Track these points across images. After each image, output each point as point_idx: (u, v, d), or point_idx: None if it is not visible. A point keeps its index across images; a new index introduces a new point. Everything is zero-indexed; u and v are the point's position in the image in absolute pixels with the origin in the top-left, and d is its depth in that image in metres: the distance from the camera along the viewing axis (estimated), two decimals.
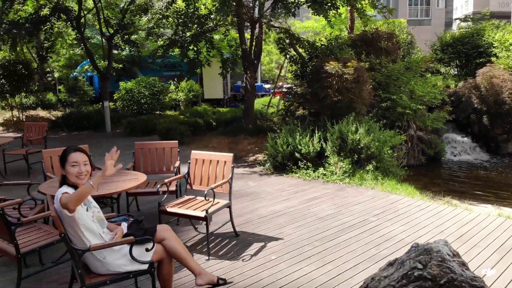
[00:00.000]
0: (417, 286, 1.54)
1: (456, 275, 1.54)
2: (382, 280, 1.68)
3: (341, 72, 7.28)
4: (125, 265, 2.67)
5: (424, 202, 5.57)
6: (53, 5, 12.60)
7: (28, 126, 7.87)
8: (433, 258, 1.59)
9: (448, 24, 37.40)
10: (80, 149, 2.80)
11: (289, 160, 7.35)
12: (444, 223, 4.76)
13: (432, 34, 32.42)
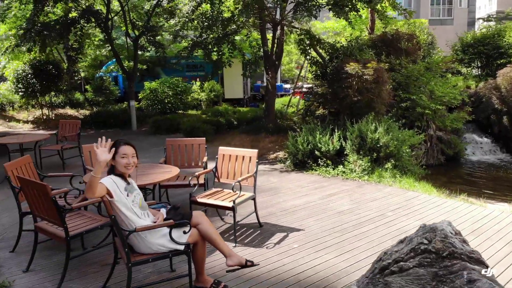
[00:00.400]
0: (423, 257, 1.82)
1: (457, 249, 1.80)
2: (393, 254, 1.96)
3: (361, 72, 7.51)
4: (165, 245, 3.01)
5: (440, 199, 5.77)
6: (82, 8, 13.18)
7: (62, 124, 8.37)
8: (437, 235, 1.87)
9: (471, 24, 36.86)
10: (129, 143, 3.16)
11: (309, 158, 7.62)
12: (459, 218, 4.96)
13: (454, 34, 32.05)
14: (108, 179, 2.96)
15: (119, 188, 2.98)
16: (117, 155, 3.07)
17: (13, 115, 15.74)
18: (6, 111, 15.92)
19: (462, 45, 14.30)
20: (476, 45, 13.76)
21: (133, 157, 3.13)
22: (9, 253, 4.16)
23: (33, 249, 3.82)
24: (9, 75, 14.71)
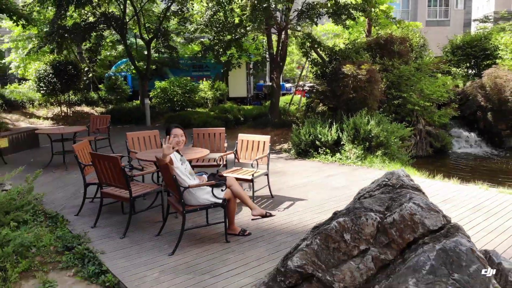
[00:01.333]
0: (384, 189, 2.94)
1: (405, 183, 2.93)
2: (366, 189, 3.09)
3: (356, 73, 8.66)
4: (208, 199, 4.14)
5: (420, 178, 6.90)
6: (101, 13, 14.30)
7: (93, 118, 9.51)
8: (394, 176, 2.99)
9: (467, 25, 37.93)
10: (179, 126, 4.30)
11: (311, 147, 8.76)
12: (434, 191, 6.08)
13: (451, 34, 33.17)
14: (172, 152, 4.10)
15: (176, 159, 4.11)
16: (170, 134, 4.21)
17: (33, 112, 16.86)
18: (26, 108, 17.03)
19: (451, 47, 15.46)
20: (465, 47, 14.91)
21: (182, 136, 4.27)
22: (74, 216, 5.28)
23: (99, 209, 4.96)
24: (31, 75, 15.83)
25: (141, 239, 4.47)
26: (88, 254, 4.08)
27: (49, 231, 4.71)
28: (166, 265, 3.83)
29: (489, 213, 5.08)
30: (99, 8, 14.63)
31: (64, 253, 4.29)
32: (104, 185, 4.82)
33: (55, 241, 4.52)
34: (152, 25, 16.59)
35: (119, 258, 4.00)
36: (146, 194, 4.78)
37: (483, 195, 5.87)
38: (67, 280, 3.87)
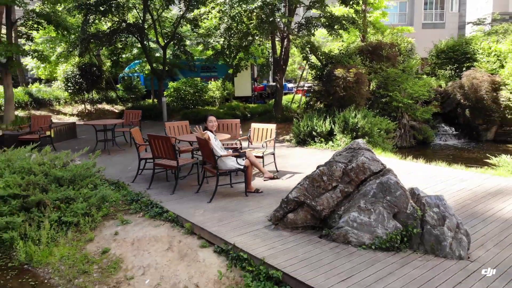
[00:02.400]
0: (348, 150, 4.75)
1: (362, 147, 4.73)
2: (338, 152, 4.91)
3: (345, 75, 10.46)
4: (234, 166, 5.95)
5: (395, 159, 8.69)
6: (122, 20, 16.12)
7: (127, 113, 11.33)
8: (355, 143, 4.79)
9: (462, 27, 39.56)
10: (213, 114, 6.11)
11: (308, 137, 10.56)
12: (402, 166, 7.86)
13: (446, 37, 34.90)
14: (208, 132, 5.92)
15: (212, 137, 5.93)
16: (207, 120, 6.03)
17: (60, 109, 18.71)
18: (53, 105, 18.88)
19: (436, 51, 17.22)
20: (448, 51, 16.68)
21: (215, 121, 6.08)
22: (131, 183, 7.08)
23: (152, 176, 6.79)
24: (59, 76, 17.68)
25: (185, 195, 6.28)
26: (150, 202, 5.91)
27: (116, 191, 6.54)
28: (207, 207, 5.64)
29: (435, 179, 6.86)
30: (122, 16, 16.44)
31: (131, 204, 6.11)
32: (157, 158, 6.63)
33: (123, 197, 6.36)
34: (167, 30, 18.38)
35: (173, 204, 5.80)
36: (187, 165, 6.59)
37: (437, 169, 7.66)
38: (137, 219, 5.69)
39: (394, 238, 4.19)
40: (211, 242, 4.76)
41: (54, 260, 5.05)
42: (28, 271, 4.99)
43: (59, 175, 6.19)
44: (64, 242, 5.34)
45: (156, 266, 4.59)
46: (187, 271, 4.41)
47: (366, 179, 4.53)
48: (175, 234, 5.11)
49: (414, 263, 3.96)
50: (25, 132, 10.20)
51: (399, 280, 3.63)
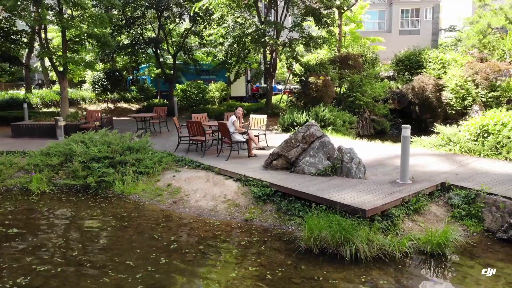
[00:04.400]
0: (305, 126, 8.65)
1: (313, 124, 8.62)
2: (300, 128, 8.81)
3: (316, 81, 14.37)
4: (240, 139, 9.82)
5: (349, 140, 12.59)
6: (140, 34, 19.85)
7: (156, 108, 15.10)
8: (309, 123, 8.69)
9: (435, 33, 43.78)
10: (240, 107, 10.01)
11: (290, 126, 14.43)
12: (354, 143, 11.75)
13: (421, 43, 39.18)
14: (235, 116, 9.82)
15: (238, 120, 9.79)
16: (237, 110, 9.93)
17: (86, 107, 22.38)
18: (80, 104, 22.55)
19: (396, 59, 21.23)
20: (404, 60, 20.69)
21: (241, 111, 9.98)
22: (173, 152, 10.87)
23: (188, 147, 10.64)
24: (88, 80, 21.38)
25: (210, 157, 10.13)
26: (190, 160, 9.76)
27: (167, 156, 10.36)
28: (225, 162, 9.50)
29: (366, 148, 10.79)
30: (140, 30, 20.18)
31: (178, 162, 9.94)
32: (192, 136, 10.46)
33: (172, 159, 10.19)
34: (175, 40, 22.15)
35: (205, 161, 9.64)
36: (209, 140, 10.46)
37: (371, 144, 11.62)
38: (185, 169, 9.53)
39: (327, 169, 8.09)
40: (231, 176, 8.63)
41: (138, 191, 8.88)
42: (123, 197, 8.81)
43: (131, 145, 10.02)
44: (141, 182, 9.17)
45: (201, 189, 8.44)
46: (219, 189, 8.27)
47: (314, 140, 8.43)
48: (209, 174, 8.97)
49: (336, 180, 7.85)
50: (82, 122, 13.96)
51: (327, 184, 7.51)
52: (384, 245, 5.81)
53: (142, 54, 20.05)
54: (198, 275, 5.39)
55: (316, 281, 5.14)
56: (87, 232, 6.98)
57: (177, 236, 6.73)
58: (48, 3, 15.79)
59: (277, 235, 6.62)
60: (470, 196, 6.96)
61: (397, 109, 19.49)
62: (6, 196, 9.08)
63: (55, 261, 5.82)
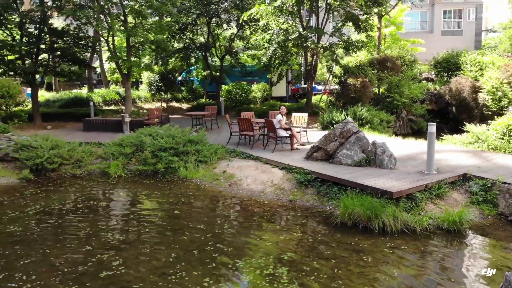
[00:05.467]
0: (343, 123, 9.89)
1: (350, 121, 9.84)
2: (338, 124, 10.06)
3: (354, 83, 15.48)
4: (284, 134, 11.19)
5: (386, 137, 13.65)
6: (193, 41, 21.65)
7: (207, 107, 16.77)
8: (346, 120, 9.92)
9: (478, 34, 43.24)
10: (284, 105, 11.42)
11: (329, 124, 15.62)
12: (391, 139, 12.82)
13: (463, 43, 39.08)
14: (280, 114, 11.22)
15: (282, 118, 11.18)
16: (281, 109, 11.33)
17: (141, 105, 24.49)
18: (136, 103, 24.70)
19: (434, 62, 21.85)
20: (443, 62, 21.29)
21: (285, 109, 11.37)
22: (226, 145, 12.39)
23: (238, 141, 12.14)
24: (145, 81, 23.46)
25: (258, 150, 11.55)
26: (241, 152, 11.23)
27: (221, 148, 11.89)
28: (271, 154, 10.89)
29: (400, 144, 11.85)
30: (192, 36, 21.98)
31: (230, 154, 11.44)
32: (242, 131, 11.94)
33: (225, 151, 11.70)
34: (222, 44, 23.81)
35: (253, 153, 11.08)
36: (256, 135, 11.90)
37: (410, 142, 12.64)
38: (236, 159, 11.01)
39: (361, 161, 9.31)
40: (276, 165, 10.02)
41: (198, 176, 10.45)
42: (187, 180, 10.41)
43: (191, 138, 11.62)
44: (201, 169, 10.74)
45: (251, 175, 9.89)
46: (267, 176, 9.68)
47: (350, 135, 9.66)
48: (258, 163, 10.40)
49: (369, 170, 9.04)
50: (145, 119, 15.82)
51: (361, 173, 8.73)
52: (407, 221, 7.00)
53: (193, 58, 21.82)
54: (253, 237, 6.82)
55: (349, 245, 6.43)
56: (163, 205, 8.60)
57: (234, 210, 8.20)
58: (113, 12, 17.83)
59: (317, 212, 7.94)
60: (487, 184, 7.98)
61: (434, 110, 20.17)
62: (89, 178, 10.92)
63: (147, 224, 7.45)
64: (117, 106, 23.25)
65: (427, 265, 5.84)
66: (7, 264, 5.92)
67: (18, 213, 8.13)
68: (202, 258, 5.96)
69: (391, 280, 5.33)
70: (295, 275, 5.42)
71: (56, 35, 18.05)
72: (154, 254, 6.17)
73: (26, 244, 6.63)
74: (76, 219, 7.80)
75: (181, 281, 5.31)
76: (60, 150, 11.29)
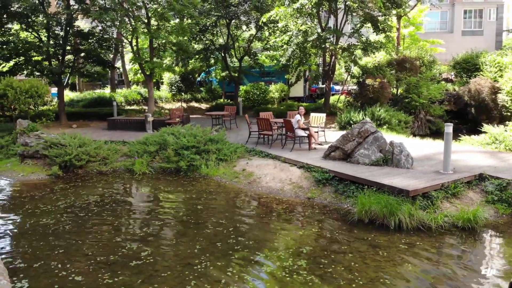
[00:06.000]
0: (361, 123, 10.10)
1: (368, 121, 10.05)
2: (356, 125, 10.28)
3: (372, 83, 15.63)
4: (302, 134, 11.45)
5: (403, 137, 13.77)
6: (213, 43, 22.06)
7: (227, 108, 17.13)
8: (365, 120, 10.14)
9: (499, 34, 42.59)
10: (302, 105, 11.70)
11: (347, 124, 15.80)
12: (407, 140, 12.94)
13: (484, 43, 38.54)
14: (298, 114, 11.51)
15: (301, 118, 11.46)
16: (299, 109, 11.61)
17: (162, 105, 25.04)
18: (157, 103, 25.27)
19: (454, 62, 21.75)
20: (462, 63, 21.19)
21: (303, 109, 11.64)
22: (245, 144, 12.72)
23: (257, 140, 12.46)
24: (166, 81, 24.01)
25: (276, 149, 11.85)
26: (260, 151, 11.55)
27: (240, 147, 12.22)
28: (289, 153, 11.17)
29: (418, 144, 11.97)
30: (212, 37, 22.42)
31: (250, 152, 11.77)
32: (261, 131, 12.25)
33: (244, 149, 12.03)
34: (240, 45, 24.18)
35: (272, 152, 11.38)
36: (275, 135, 12.20)
37: (428, 142, 12.75)
38: (255, 158, 11.33)
39: (379, 160, 9.51)
40: (295, 164, 10.30)
41: (219, 173, 10.81)
42: (208, 177, 10.78)
43: (212, 137, 11.99)
44: (221, 167, 11.09)
45: (270, 173, 10.19)
46: (285, 174, 9.97)
47: (368, 135, 9.86)
48: (276, 162, 10.69)
49: (386, 169, 9.24)
50: (167, 118, 16.29)
51: (378, 172, 8.94)
52: (423, 218, 7.20)
53: (212, 59, 22.27)
54: (273, 231, 7.12)
55: (366, 240, 6.67)
56: (186, 201, 8.98)
57: (254, 206, 8.53)
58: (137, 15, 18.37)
59: (335, 210, 8.19)
60: (502, 184, 8.10)
61: (453, 111, 20.08)
62: (115, 175, 11.40)
63: (172, 218, 7.84)
64: (138, 106, 23.85)
65: (441, 260, 6.04)
66: (42, 254, 6.37)
67: (50, 207, 8.62)
68: (225, 250, 6.29)
69: (406, 273, 5.57)
70: (313, 267, 5.70)
71: (82, 37, 18.69)
72: (179, 246, 6.53)
73: (59, 236, 7.08)
74: (104, 212, 8.24)
75: (206, 270, 5.65)
76: (87, 148, 11.80)
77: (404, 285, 5.29)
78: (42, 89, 14.75)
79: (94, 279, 5.53)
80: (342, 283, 5.30)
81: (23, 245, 6.70)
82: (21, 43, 17.72)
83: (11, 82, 14.37)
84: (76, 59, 19.65)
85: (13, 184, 10.73)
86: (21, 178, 11.26)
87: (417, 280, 5.38)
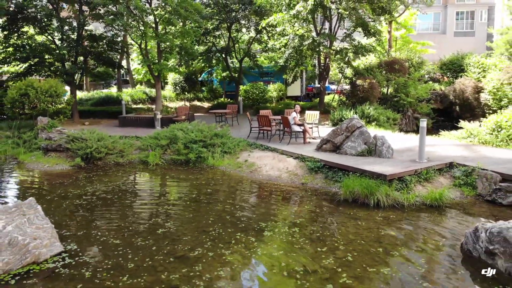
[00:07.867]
0: (349, 119, 11.51)
1: (355, 118, 11.46)
2: (345, 120, 11.69)
3: (363, 84, 17.05)
4: (298, 129, 12.85)
5: (389, 132, 15.19)
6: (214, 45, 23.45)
7: (229, 106, 18.52)
8: (353, 116, 11.54)
9: (490, 36, 44.01)
10: (299, 104, 13.10)
11: (339, 121, 17.21)
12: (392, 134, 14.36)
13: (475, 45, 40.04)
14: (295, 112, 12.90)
15: (297, 115, 12.85)
16: (295, 107, 13.02)
17: (166, 104, 26.39)
18: (162, 102, 26.61)
19: (441, 63, 23.20)
20: (448, 64, 22.64)
21: (299, 107, 13.04)
22: (246, 138, 14.11)
23: (257, 135, 13.87)
24: (170, 81, 25.37)
25: (275, 143, 13.25)
26: (260, 144, 12.95)
27: (242, 141, 13.62)
28: (287, 146, 12.58)
29: (401, 138, 13.39)
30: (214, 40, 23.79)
31: (251, 146, 13.17)
32: (261, 127, 13.65)
33: (246, 143, 13.43)
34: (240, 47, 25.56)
35: (271, 145, 12.78)
36: (273, 130, 13.61)
37: (411, 137, 14.17)
38: (256, 151, 12.74)
39: (364, 151, 10.93)
40: (291, 155, 11.70)
41: (224, 164, 12.21)
42: (214, 168, 12.18)
43: (217, 133, 13.39)
44: (226, 159, 12.49)
45: (269, 164, 11.59)
46: (283, 164, 11.38)
47: (355, 130, 11.27)
48: (275, 154, 12.10)
49: (370, 159, 10.64)
50: (174, 116, 17.67)
51: (362, 161, 10.34)
52: (397, 198, 8.62)
53: (214, 60, 23.67)
54: (272, 208, 8.54)
55: (348, 215, 8.09)
56: (197, 186, 10.38)
57: (256, 190, 9.94)
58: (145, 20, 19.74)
59: (324, 192, 9.61)
60: (468, 170, 9.53)
61: (439, 109, 21.56)
62: (131, 166, 12.79)
63: (187, 198, 9.26)
64: (144, 105, 25.22)
65: (408, 228, 7.47)
66: (83, 225, 7.76)
67: (80, 191, 10.01)
68: (233, 221, 7.71)
69: (380, 237, 6.99)
70: (305, 233, 7.11)
71: (94, 40, 20.05)
72: (195, 218, 7.94)
73: (93, 212, 8.48)
74: (127, 195, 9.64)
75: (219, 235, 7.06)
76: (105, 142, 13.19)
77: (377, 245, 6.70)
78: (60, 89, 16.12)
79: (130, 242, 6.92)
80: (327, 243, 6.71)
81: (64, 219, 8.08)
82: (37, 46, 19.07)
83: (32, 83, 15.75)
84: (86, 60, 21.01)
85: (41, 173, 12.12)
86: (47, 168, 12.64)
87: (389, 242, 6.80)
